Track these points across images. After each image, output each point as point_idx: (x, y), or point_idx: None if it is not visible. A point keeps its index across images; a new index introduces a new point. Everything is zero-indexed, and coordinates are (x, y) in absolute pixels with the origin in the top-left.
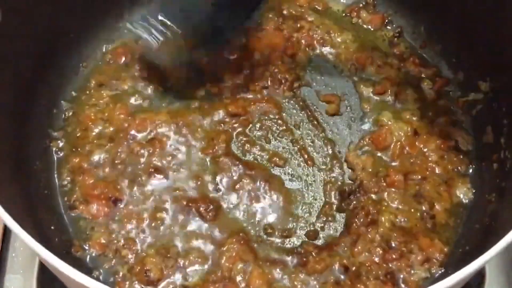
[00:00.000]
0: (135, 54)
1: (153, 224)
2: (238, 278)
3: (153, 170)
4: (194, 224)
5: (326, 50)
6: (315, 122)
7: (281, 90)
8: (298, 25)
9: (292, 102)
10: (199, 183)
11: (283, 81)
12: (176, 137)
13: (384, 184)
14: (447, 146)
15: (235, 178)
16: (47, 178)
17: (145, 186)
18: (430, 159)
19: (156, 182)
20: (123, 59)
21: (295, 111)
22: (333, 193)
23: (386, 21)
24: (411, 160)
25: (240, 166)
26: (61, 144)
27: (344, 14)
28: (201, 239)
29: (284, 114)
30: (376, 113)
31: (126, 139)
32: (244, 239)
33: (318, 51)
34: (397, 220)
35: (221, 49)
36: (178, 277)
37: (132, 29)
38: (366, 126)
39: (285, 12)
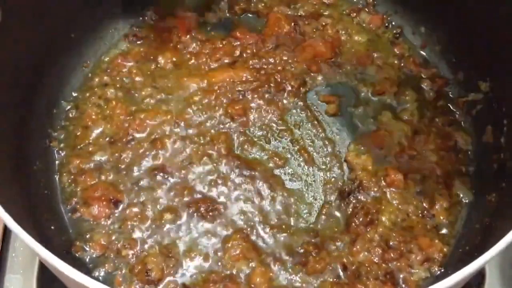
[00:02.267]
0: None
1: (154, 225)
2: (240, 276)
3: (154, 170)
4: (195, 224)
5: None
6: (315, 122)
7: (286, 96)
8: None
9: (292, 102)
10: (200, 183)
11: (288, 88)
12: (177, 137)
13: (384, 183)
14: (447, 146)
15: (235, 178)
16: (47, 178)
17: (146, 186)
18: (429, 159)
19: (157, 183)
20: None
21: (295, 111)
22: (333, 193)
23: (386, 21)
24: (411, 160)
25: (240, 166)
26: (61, 144)
27: (344, 13)
28: (202, 239)
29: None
30: (376, 113)
31: (127, 140)
32: (247, 237)
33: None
34: (397, 219)
35: None
36: (179, 277)
37: None
38: (366, 126)
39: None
